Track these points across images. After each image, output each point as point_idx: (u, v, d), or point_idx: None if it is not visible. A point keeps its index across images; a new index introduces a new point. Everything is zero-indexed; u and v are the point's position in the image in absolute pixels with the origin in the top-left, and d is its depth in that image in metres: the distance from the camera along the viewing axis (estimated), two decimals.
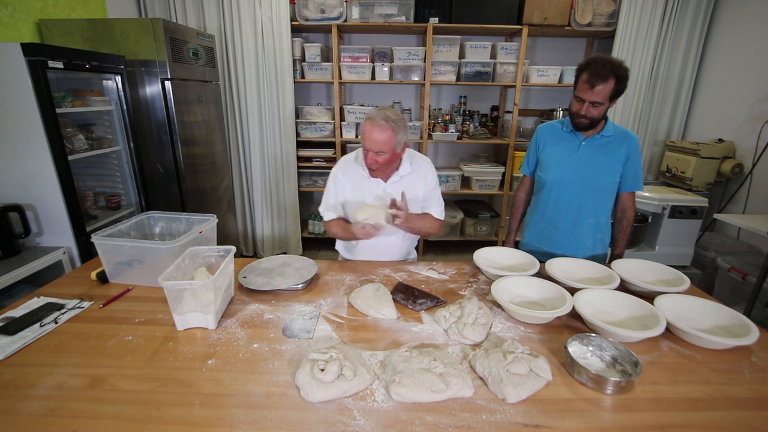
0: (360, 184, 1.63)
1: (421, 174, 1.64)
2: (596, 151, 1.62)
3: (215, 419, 0.84)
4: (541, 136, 1.75)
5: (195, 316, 1.16)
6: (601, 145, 1.62)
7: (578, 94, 1.52)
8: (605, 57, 1.48)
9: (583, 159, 1.63)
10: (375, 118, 1.42)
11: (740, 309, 1.94)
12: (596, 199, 1.67)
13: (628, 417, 0.86)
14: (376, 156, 1.46)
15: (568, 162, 1.65)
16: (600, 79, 1.44)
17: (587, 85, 1.47)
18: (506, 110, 3.74)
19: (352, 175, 1.63)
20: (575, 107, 1.55)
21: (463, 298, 1.23)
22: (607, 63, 1.45)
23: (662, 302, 1.21)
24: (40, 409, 0.87)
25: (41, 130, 1.78)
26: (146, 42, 2.29)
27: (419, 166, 1.65)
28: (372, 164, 1.49)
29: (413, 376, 0.91)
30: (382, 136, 1.42)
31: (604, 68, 1.44)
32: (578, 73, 1.52)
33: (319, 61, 3.28)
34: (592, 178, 1.63)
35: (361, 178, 1.62)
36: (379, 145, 1.43)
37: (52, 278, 1.53)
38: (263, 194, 3.55)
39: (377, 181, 1.61)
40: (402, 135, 1.47)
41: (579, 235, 1.71)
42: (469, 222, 3.72)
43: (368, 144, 1.45)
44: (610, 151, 1.61)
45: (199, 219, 1.63)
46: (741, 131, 2.85)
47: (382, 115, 1.42)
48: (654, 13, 3.13)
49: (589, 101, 1.50)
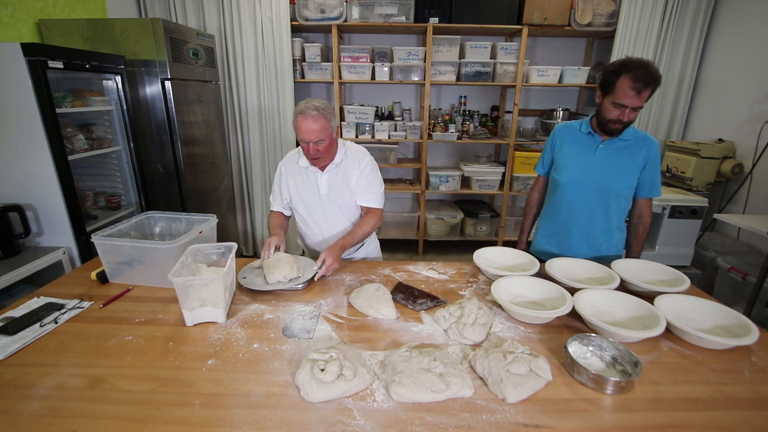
0: (300, 176, 1.68)
1: (354, 161, 1.67)
2: (614, 154, 1.57)
3: (215, 419, 0.84)
4: (558, 136, 1.70)
5: (205, 311, 1.18)
6: (619, 148, 1.56)
7: (619, 101, 1.42)
8: (639, 60, 1.40)
9: (600, 162, 1.58)
10: (305, 110, 1.46)
11: (740, 309, 1.94)
12: (611, 204, 1.61)
13: (628, 417, 0.86)
14: (317, 145, 1.51)
15: (585, 164, 1.60)
16: (644, 85, 1.37)
17: (632, 91, 1.39)
18: (506, 110, 3.74)
19: (292, 169, 1.70)
20: (613, 113, 1.46)
21: (463, 298, 1.23)
22: (645, 66, 1.38)
23: (662, 302, 1.21)
24: (40, 409, 0.87)
25: (41, 130, 1.79)
26: (146, 42, 2.29)
27: (353, 153, 1.69)
28: (315, 154, 1.53)
29: (413, 376, 0.91)
30: (317, 125, 1.46)
31: (647, 72, 1.37)
32: (612, 77, 1.43)
33: (319, 61, 3.28)
34: (607, 182, 1.58)
35: (300, 170, 1.68)
36: (317, 134, 1.47)
37: (52, 278, 1.53)
38: (263, 194, 3.55)
39: (314, 172, 1.65)
40: (333, 121, 1.53)
41: (592, 239, 1.66)
42: (469, 222, 3.72)
43: (307, 136, 1.48)
44: (628, 156, 1.56)
45: (199, 219, 1.63)
46: (741, 131, 2.85)
47: (311, 107, 1.47)
48: (654, 13, 3.13)
49: (631, 107, 1.42)
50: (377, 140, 3.42)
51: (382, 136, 3.41)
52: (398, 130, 3.43)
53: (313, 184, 1.67)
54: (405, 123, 3.44)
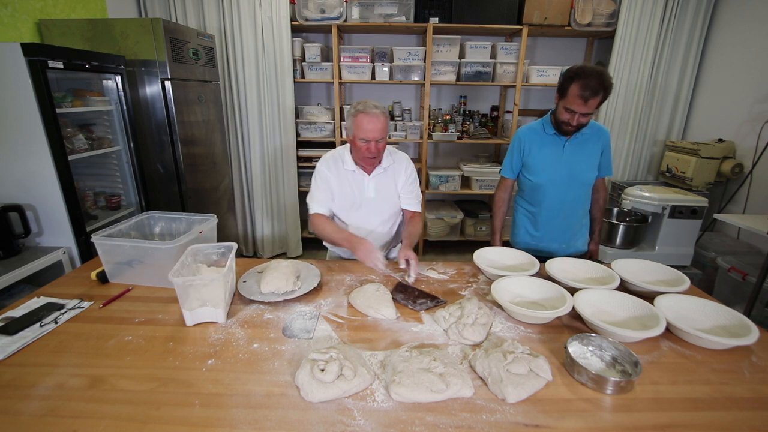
0: (345, 179, 1.66)
1: (401, 166, 1.69)
2: (579, 148, 1.71)
3: (215, 419, 0.84)
4: (525, 141, 1.77)
5: (205, 311, 1.18)
6: (581, 142, 1.70)
7: (569, 106, 1.54)
8: (593, 68, 1.49)
9: (570, 158, 1.71)
10: (367, 109, 1.48)
11: (740, 309, 1.94)
12: (583, 192, 1.80)
13: (628, 417, 0.86)
14: (378, 144, 1.52)
15: (558, 163, 1.72)
16: (593, 93, 1.47)
17: (580, 99, 1.49)
18: (506, 110, 3.75)
19: (337, 171, 1.66)
20: (565, 116, 1.58)
21: (463, 299, 1.23)
22: (597, 75, 1.46)
23: (662, 302, 1.21)
24: (40, 409, 0.87)
25: (41, 130, 1.78)
26: (146, 42, 2.29)
27: (399, 159, 1.70)
28: (375, 153, 1.54)
29: (413, 376, 0.91)
30: (380, 124, 1.48)
31: (596, 81, 1.46)
32: (567, 82, 1.52)
33: (319, 61, 3.28)
34: (580, 174, 1.73)
35: (345, 173, 1.66)
36: (379, 133, 1.49)
37: (52, 278, 1.53)
38: (263, 194, 3.55)
39: (361, 174, 1.65)
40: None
41: (571, 225, 1.82)
42: (469, 222, 3.72)
43: (370, 134, 1.49)
44: (590, 147, 1.71)
45: (199, 219, 1.63)
46: (741, 131, 2.85)
47: (371, 105, 1.48)
48: (654, 13, 3.13)
49: (580, 113, 1.53)
50: None
51: None
52: (398, 130, 3.43)
53: (360, 188, 1.65)
54: (405, 123, 3.44)
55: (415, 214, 1.74)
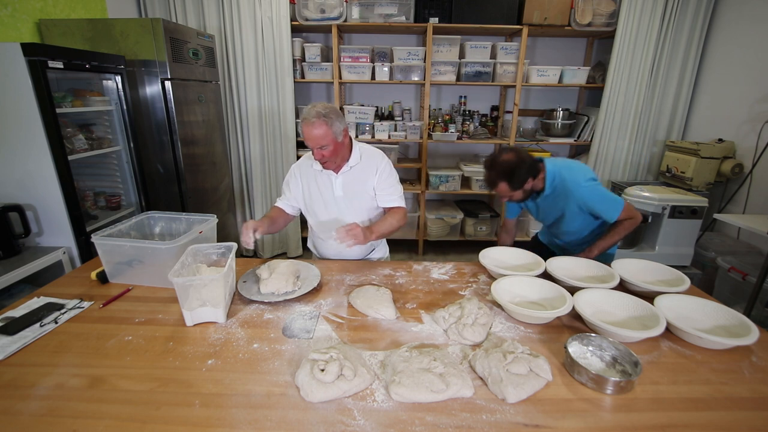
0: (313, 179, 1.69)
1: (372, 163, 1.67)
2: (551, 204, 1.73)
3: (215, 419, 0.84)
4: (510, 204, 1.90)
5: (205, 311, 1.18)
6: (551, 201, 1.71)
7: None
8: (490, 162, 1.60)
9: (547, 210, 1.77)
10: (307, 117, 1.47)
11: (740, 309, 1.94)
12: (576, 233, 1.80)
13: (628, 417, 0.86)
14: (321, 150, 1.52)
15: (543, 217, 1.84)
16: (490, 185, 1.62)
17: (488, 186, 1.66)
18: (506, 110, 3.74)
19: (306, 172, 1.71)
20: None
21: (463, 299, 1.23)
22: (490, 170, 1.59)
23: (662, 302, 1.21)
24: (40, 409, 0.87)
25: (41, 130, 1.78)
26: (146, 42, 2.29)
27: (370, 157, 1.69)
28: (320, 159, 1.55)
29: (413, 376, 0.91)
30: (319, 131, 1.47)
31: (487, 174, 1.60)
32: None
33: (319, 61, 3.28)
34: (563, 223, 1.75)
35: (313, 173, 1.69)
36: (319, 141, 1.48)
37: (52, 278, 1.53)
38: (263, 194, 3.55)
39: (328, 174, 1.66)
40: (338, 124, 1.51)
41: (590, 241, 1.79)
42: (469, 222, 3.72)
43: (309, 143, 1.50)
44: (561, 204, 1.69)
45: (199, 219, 1.64)
46: (741, 131, 2.85)
47: (313, 113, 1.47)
48: (654, 13, 3.13)
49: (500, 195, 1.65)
50: (377, 140, 3.41)
51: (382, 136, 3.41)
52: (398, 130, 3.43)
53: (328, 187, 1.67)
54: (405, 123, 3.44)
55: (393, 208, 1.69)
